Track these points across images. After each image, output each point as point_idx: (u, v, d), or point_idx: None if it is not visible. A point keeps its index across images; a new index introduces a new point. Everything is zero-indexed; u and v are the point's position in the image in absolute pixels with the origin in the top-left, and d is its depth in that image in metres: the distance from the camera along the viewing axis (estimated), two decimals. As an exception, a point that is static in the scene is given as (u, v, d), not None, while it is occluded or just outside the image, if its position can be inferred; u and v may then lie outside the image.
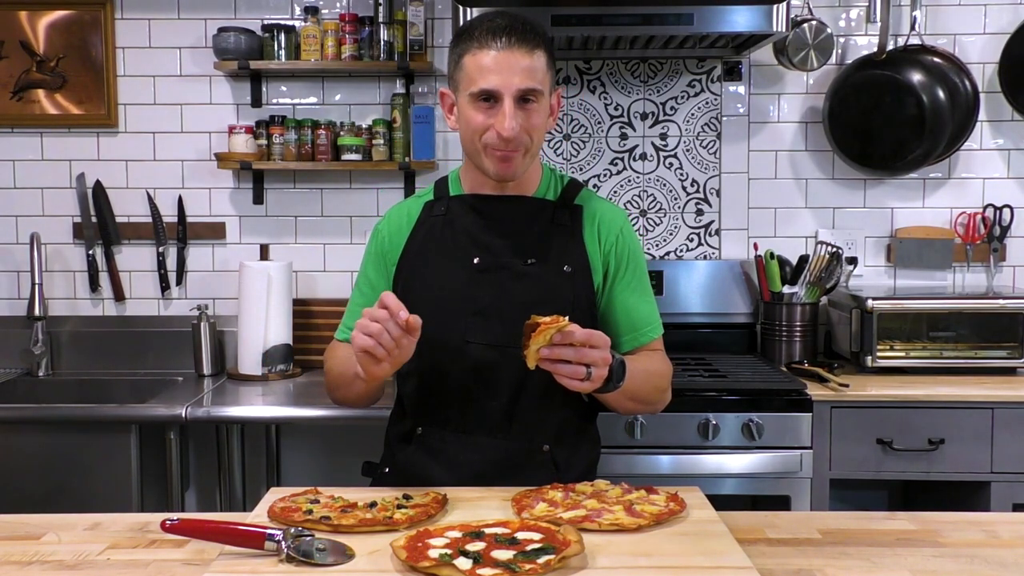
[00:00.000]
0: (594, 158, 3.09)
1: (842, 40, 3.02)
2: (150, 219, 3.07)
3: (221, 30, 2.93)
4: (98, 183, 3.06)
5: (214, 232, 3.10)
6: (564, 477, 1.60)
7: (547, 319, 1.41)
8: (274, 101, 3.08)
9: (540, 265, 1.66)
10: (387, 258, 1.74)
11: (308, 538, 1.24)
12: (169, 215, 3.08)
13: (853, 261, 3.00)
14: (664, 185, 3.09)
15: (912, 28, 2.95)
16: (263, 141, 2.97)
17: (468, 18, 2.49)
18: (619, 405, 1.66)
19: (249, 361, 2.87)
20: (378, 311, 1.43)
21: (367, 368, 1.47)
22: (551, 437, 1.68)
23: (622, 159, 3.09)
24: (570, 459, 1.70)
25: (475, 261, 1.67)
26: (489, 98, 1.57)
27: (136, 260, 3.11)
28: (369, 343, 1.43)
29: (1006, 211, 3.02)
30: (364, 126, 3.00)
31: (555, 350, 1.42)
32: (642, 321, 1.71)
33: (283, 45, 2.95)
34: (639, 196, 3.09)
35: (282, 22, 2.99)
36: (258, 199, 3.09)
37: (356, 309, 1.71)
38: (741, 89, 3.06)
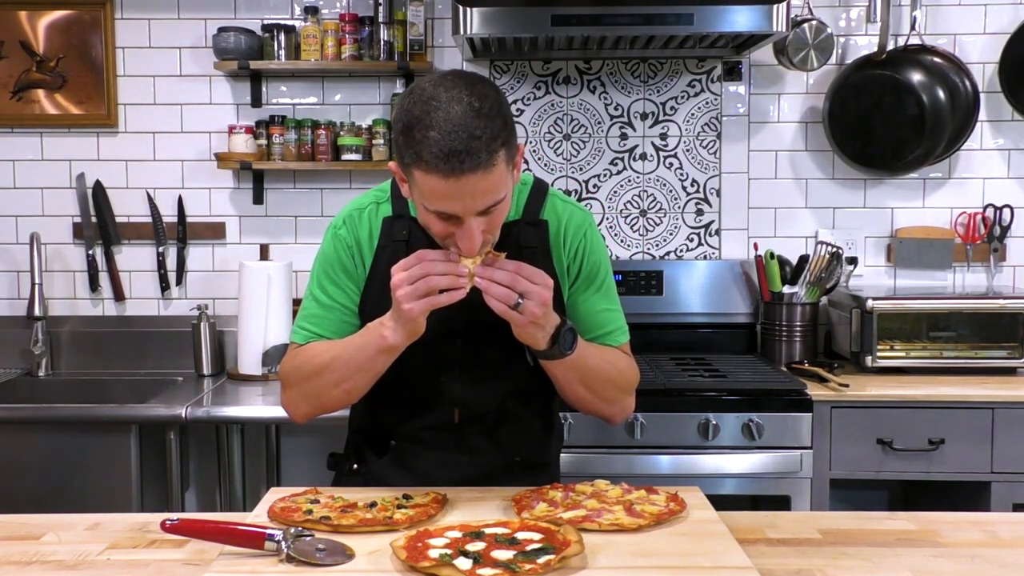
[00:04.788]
0: (594, 158, 3.09)
1: (842, 40, 3.02)
2: (150, 219, 3.07)
3: (221, 30, 2.93)
4: (98, 183, 3.06)
5: (214, 232, 3.10)
6: (538, 479, 1.61)
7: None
8: (274, 101, 3.08)
9: None
10: (355, 270, 1.63)
11: (308, 538, 1.24)
12: (169, 215, 3.08)
13: (853, 261, 3.00)
14: (664, 185, 3.09)
15: (912, 28, 2.95)
16: (263, 141, 2.97)
17: (468, 19, 2.49)
18: (569, 388, 1.59)
19: (249, 361, 2.87)
20: (436, 264, 1.41)
21: (420, 322, 1.44)
22: (525, 449, 1.70)
23: (622, 159, 3.08)
24: (541, 461, 1.73)
25: None
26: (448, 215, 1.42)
27: (136, 260, 3.11)
28: (443, 282, 1.40)
29: (1006, 211, 3.01)
30: (364, 126, 3.00)
31: (487, 269, 1.41)
32: (603, 325, 1.66)
33: (283, 45, 2.95)
34: (639, 196, 3.09)
35: (282, 22, 2.99)
36: (258, 199, 3.09)
37: (315, 315, 1.62)
38: (741, 89, 3.06)
